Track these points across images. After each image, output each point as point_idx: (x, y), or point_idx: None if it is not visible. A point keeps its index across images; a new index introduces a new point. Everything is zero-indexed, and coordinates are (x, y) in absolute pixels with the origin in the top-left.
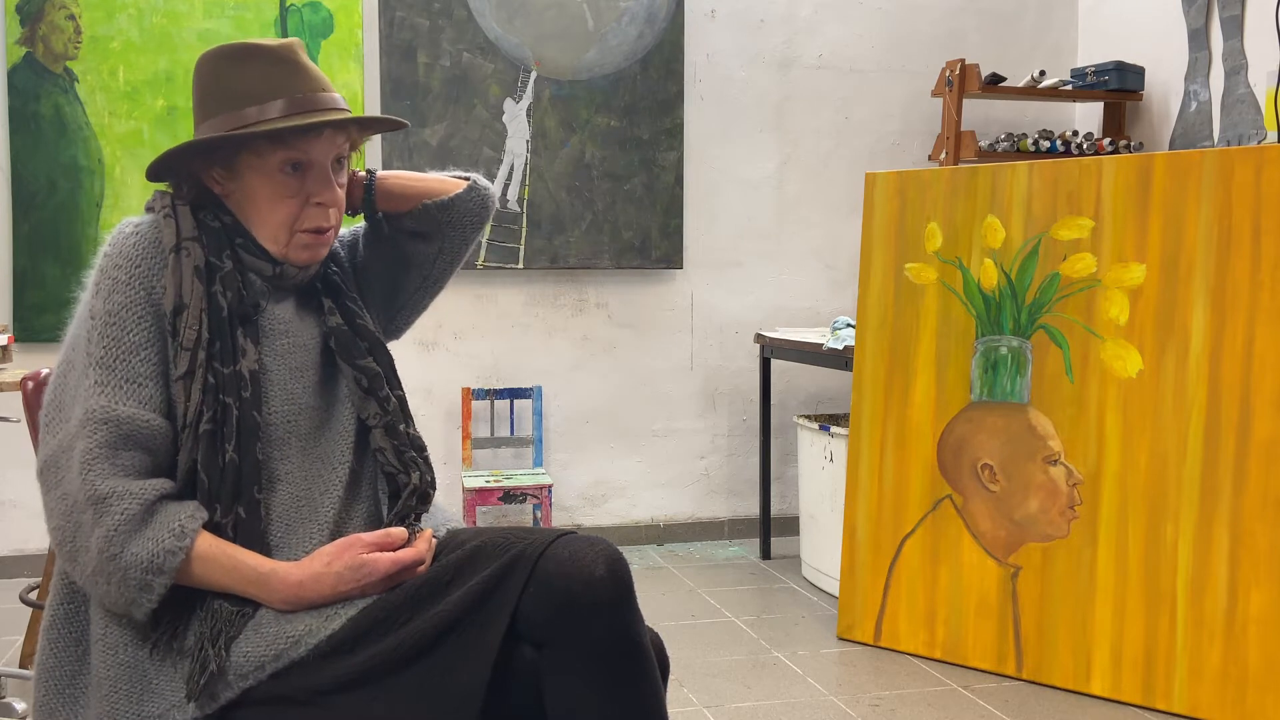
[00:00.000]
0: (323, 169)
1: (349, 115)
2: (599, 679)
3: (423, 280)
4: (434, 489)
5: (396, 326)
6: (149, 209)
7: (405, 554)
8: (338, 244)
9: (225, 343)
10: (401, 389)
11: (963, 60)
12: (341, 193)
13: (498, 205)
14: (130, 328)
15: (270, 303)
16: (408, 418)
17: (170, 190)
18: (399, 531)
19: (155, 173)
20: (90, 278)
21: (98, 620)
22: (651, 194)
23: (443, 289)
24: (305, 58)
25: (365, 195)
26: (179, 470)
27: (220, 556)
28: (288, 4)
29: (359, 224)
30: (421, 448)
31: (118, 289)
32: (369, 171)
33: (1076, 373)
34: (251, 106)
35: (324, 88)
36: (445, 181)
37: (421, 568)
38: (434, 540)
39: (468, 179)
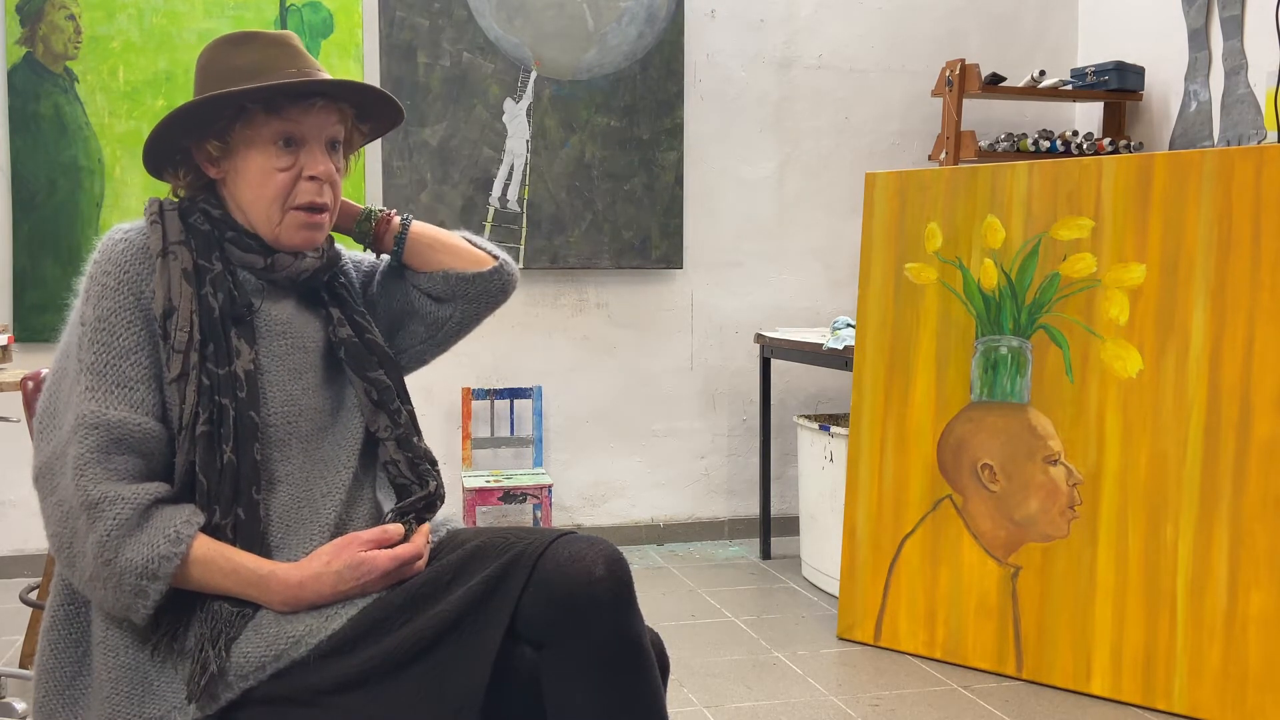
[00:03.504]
0: (317, 145)
1: (343, 81)
2: (599, 679)
3: (429, 337)
4: (442, 501)
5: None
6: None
7: (403, 550)
8: (352, 266)
9: (219, 344)
10: (410, 403)
11: (963, 60)
12: (339, 175)
13: (517, 277)
14: (120, 333)
15: (267, 303)
16: (418, 432)
17: (162, 197)
18: (395, 528)
19: (153, 158)
20: (81, 285)
21: (98, 622)
22: (651, 194)
23: (449, 350)
24: (302, 46)
25: (397, 242)
26: (177, 472)
27: (219, 559)
28: (288, 4)
29: (382, 259)
30: (434, 462)
31: (106, 295)
32: (405, 217)
33: (1076, 373)
34: (247, 82)
35: (319, 68)
36: (474, 253)
37: (420, 563)
38: (431, 537)
39: (497, 259)
